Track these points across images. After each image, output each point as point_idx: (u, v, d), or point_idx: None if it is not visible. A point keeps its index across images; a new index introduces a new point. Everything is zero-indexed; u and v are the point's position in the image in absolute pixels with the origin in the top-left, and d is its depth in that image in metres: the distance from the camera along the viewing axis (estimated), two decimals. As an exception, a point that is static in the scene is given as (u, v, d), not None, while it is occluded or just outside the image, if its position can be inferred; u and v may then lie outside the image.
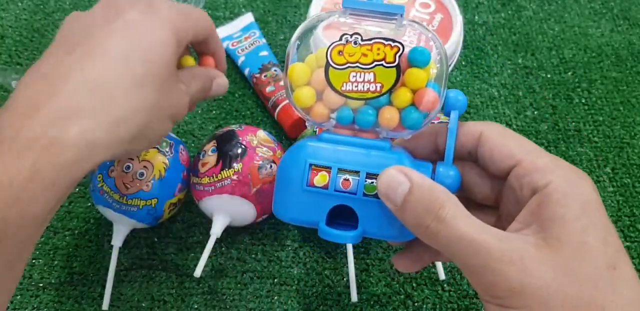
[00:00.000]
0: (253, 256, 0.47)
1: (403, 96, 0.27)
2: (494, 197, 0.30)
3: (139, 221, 0.44)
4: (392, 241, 0.32)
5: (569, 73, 0.61)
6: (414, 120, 0.27)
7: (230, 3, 0.66)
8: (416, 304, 0.45)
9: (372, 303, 0.45)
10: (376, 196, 0.27)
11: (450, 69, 0.48)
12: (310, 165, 0.27)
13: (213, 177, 0.43)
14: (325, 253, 0.47)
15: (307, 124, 0.30)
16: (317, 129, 0.44)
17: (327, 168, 0.27)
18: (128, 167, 0.43)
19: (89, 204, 0.50)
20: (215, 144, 0.45)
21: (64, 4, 0.66)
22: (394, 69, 0.27)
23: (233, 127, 0.46)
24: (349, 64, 0.27)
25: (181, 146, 0.47)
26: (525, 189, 0.26)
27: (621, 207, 0.51)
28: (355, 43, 0.27)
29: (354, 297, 0.44)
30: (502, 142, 0.28)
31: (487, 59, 0.62)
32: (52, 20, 0.64)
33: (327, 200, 0.27)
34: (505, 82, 0.60)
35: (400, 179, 0.25)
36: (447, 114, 0.29)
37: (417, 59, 0.27)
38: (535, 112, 0.57)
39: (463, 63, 0.61)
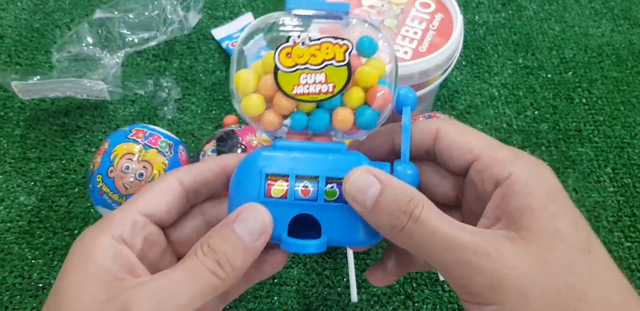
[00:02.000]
0: (253, 256, 0.47)
1: (355, 95, 0.27)
2: (454, 196, 0.29)
3: (139, 221, 0.44)
4: (356, 248, 0.31)
5: (570, 73, 0.61)
6: (368, 120, 0.27)
7: (230, 3, 0.66)
8: (416, 304, 0.45)
9: (372, 303, 0.45)
10: (337, 201, 0.26)
11: (450, 68, 0.48)
12: (267, 175, 0.26)
13: (213, 177, 0.43)
14: (326, 254, 0.47)
15: (257, 134, 0.28)
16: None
17: (284, 177, 0.26)
18: (127, 168, 0.43)
19: (88, 204, 0.50)
20: (215, 144, 0.44)
21: (63, 3, 0.66)
22: (345, 67, 0.26)
23: (233, 127, 0.46)
24: (298, 66, 0.26)
25: (180, 146, 0.47)
26: (487, 183, 0.25)
27: (622, 207, 0.51)
28: (303, 44, 0.26)
29: (354, 297, 0.44)
30: (459, 137, 0.27)
31: (488, 59, 0.62)
32: (51, 20, 0.64)
33: (287, 210, 0.26)
34: (506, 82, 0.60)
35: (369, 180, 0.25)
36: (399, 112, 0.28)
37: (365, 48, 0.26)
38: (536, 112, 0.57)
39: (463, 63, 0.61)
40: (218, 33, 0.63)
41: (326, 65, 0.26)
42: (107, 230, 0.25)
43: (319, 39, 0.26)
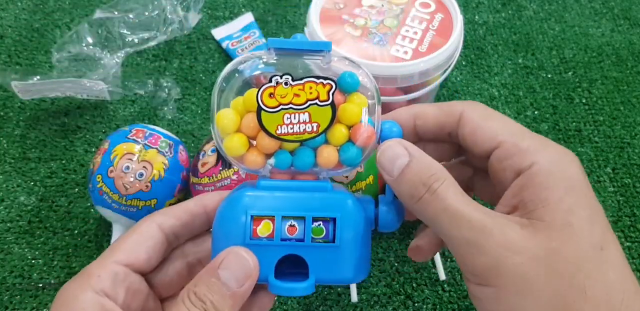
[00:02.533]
0: (253, 256, 0.47)
1: (339, 133, 0.27)
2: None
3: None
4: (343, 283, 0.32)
5: (570, 73, 0.61)
6: (352, 157, 0.27)
7: (230, 3, 0.66)
8: (416, 304, 0.45)
9: (372, 303, 0.45)
10: (324, 239, 0.26)
11: (450, 68, 0.48)
12: (252, 216, 0.26)
13: (213, 177, 0.43)
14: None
15: (240, 172, 0.28)
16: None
17: (270, 217, 0.26)
18: (127, 168, 0.43)
19: (89, 204, 0.50)
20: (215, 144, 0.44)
21: (63, 3, 0.66)
22: (329, 106, 0.26)
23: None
24: (281, 106, 0.26)
25: (180, 146, 0.47)
26: (508, 172, 0.25)
27: (622, 207, 0.51)
28: (286, 84, 0.26)
29: (354, 297, 0.44)
30: (484, 122, 0.27)
31: (488, 59, 0.62)
32: (51, 20, 0.64)
33: (273, 251, 0.26)
34: (506, 82, 0.60)
35: (399, 152, 0.25)
36: None
37: (347, 82, 0.26)
38: (536, 112, 0.57)
39: (463, 63, 0.61)
40: (218, 33, 0.63)
41: (310, 105, 0.26)
42: (88, 283, 0.25)
43: (302, 79, 0.26)
